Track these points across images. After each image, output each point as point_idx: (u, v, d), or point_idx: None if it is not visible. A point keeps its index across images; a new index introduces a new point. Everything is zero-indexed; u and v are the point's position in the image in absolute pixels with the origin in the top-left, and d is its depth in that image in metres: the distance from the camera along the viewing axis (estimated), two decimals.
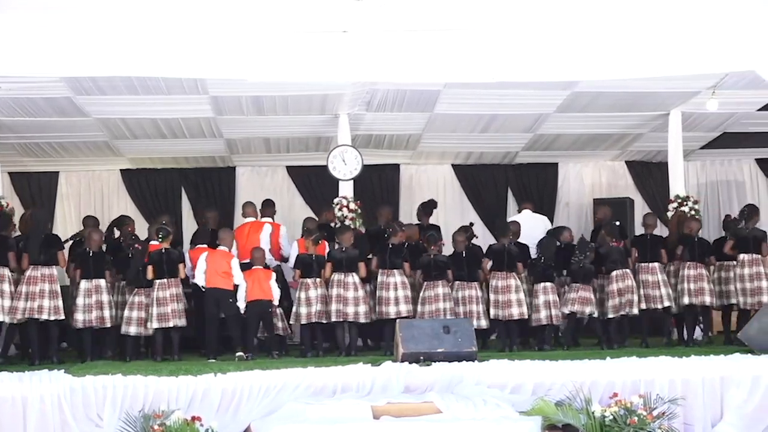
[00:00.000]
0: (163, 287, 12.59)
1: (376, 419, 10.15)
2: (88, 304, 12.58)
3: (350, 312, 12.85)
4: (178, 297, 12.64)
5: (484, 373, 10.84)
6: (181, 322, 12.59)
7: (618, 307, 13.34)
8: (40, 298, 12.38)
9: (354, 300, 12.87)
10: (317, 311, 12.87)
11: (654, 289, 13.54)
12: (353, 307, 12.86)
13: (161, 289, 12.58)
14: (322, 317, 12.90)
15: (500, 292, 13.34)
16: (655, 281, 13.57)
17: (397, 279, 13.11)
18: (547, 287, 13.43)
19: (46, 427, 10.05)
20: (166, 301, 12.54)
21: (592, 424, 10.13)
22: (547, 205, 17.73)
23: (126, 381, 10.25)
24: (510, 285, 13.34)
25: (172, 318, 12.52)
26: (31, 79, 12.22)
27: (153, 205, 17.37)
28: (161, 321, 12.49)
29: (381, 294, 13.11)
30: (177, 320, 12.55)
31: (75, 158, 16.85)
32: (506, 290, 13.31)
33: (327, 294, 12.94)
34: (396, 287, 13.07)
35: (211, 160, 17.38)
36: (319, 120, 14.95)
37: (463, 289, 13.29)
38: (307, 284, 12.96)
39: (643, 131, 16.07)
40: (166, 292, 12.57)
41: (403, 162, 17.77)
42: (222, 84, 12.93)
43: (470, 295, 13.24)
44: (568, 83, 13.25)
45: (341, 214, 14.15)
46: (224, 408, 10.36)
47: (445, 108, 14.50)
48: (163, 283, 12.61)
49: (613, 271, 13.47)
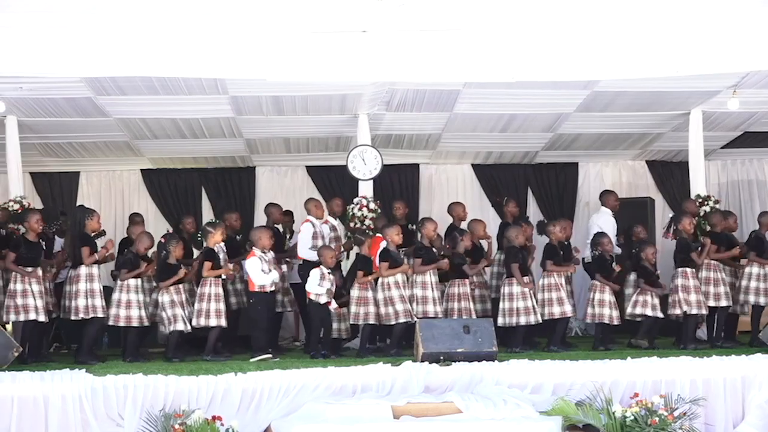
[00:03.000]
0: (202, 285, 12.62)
1: (396, 419, 10.15)
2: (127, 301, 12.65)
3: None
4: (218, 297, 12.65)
5: (505, 373, 10.83)
6: (220, 322, 12.58)
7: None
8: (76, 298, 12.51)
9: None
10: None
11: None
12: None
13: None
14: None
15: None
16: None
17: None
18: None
19: (67, 426, 10.09)
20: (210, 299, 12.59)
21: (613, 425, 10.11)
22: (567, 205, 17.70)
23: (147, 380, 10.28)
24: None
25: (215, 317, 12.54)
26: (52, 79, 12.26)
27: (173, 205, 17.42)
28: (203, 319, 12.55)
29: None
30: (218, 320, 12.56)
31: (96, 158, 16.90)
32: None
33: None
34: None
35: (231, 160, 17.41)
36: (338, 120, 14.95)
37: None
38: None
39: (664, 131, 16.01)
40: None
41: (422, 162, 17.76)
42: (242, 84, 12.94)
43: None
44: (588, 82, 13.22)
45: (361, 214, 14.14)
46: (244, 407, 10.38)
47: (465, 108, 14.48)
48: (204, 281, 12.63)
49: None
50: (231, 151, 16.86)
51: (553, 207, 17.58)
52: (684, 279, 13.25)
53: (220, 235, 12.90)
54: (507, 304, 13.18)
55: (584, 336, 15.38)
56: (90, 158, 16.87)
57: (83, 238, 12.73)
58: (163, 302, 12.63)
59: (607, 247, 13.59)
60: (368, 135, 14.61)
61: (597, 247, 13.64)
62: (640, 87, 13.42)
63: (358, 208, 14.20)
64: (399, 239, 13.09)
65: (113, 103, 13.73)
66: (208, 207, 17.47)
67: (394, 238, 13.03)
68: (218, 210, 16.54)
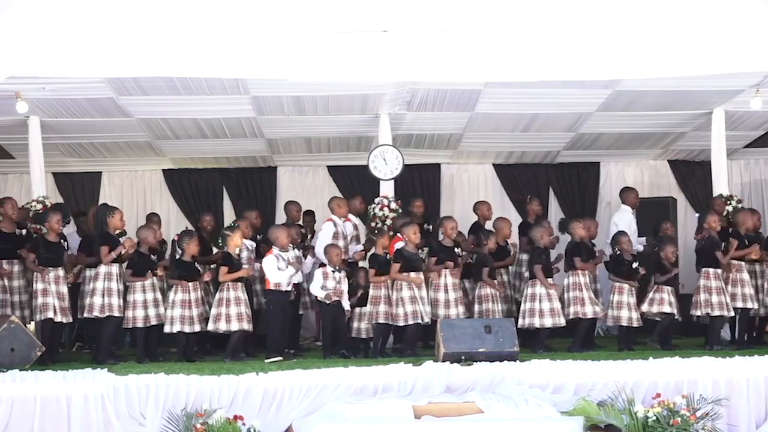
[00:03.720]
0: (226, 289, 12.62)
1: (418, 419, 10.14)
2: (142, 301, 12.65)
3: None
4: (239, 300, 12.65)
5: (526, 373, 10.81)
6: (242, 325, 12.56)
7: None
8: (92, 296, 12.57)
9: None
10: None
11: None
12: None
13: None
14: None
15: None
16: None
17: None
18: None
19: (89, 425, 10.12)
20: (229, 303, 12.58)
21: (635, 425, 10.07)
22: (589, 205, 17.66)
23: (168, 380, 10.31)
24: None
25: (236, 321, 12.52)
26: (75, 80, 12.30)
27: (195, 205, 17.46)
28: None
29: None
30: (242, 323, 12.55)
31: (117, 158, 16.96)
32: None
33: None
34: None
35: (252, 160, 17.44)
36: (359, 120, 14.96)
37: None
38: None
39: (686, 130, 15.96)
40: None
41: (443, 161, 17.75)
42: (263, 84, 12.97)
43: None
44: (609, 82, 13.18)
45: (382, 214, 14.14)
46: (266, 407, 10.39)
47: (486, 107, 14.47)
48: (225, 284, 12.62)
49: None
50: (252, 151, 16.90)
51: (575, 207, 17.54)
52: (707, 279, 13.18)
53: (238, 239, 12.84)
54: (529, 305, 13.11)
55: (606, 336, 15.32)
56: (112, 158, 16.93)
57: (103, 237, 12.77)
58: (174, 300, 12.62)
59: (625, 246, 13.52)
60: (389, 135, 14.61)
61: (615, 246, 13.58)
62: (662, 86, 13.37)
63: (379, 208, 14.19)
64: (417, 239, 13.02)
65: (135, 104, 13.78)
66: (229, 207, 17.51)
67: (412, 238, 12.97)
68: (239, 210, 16.56)
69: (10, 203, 13.43)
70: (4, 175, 17.18)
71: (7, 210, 13.34)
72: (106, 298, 12.51)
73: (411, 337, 12.81)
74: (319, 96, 13.79)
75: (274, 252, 12.85)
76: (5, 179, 17.23)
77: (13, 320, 11.65)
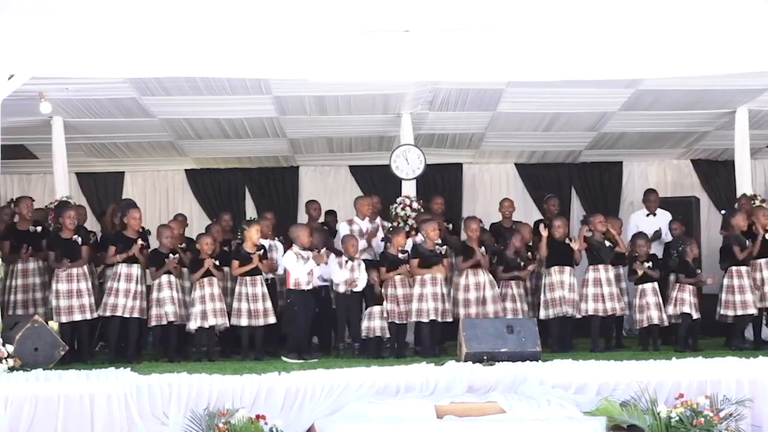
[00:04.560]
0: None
1: (440, 419, 10.12)
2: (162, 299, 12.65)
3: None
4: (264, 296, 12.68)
5: (548, 373, 10.78)
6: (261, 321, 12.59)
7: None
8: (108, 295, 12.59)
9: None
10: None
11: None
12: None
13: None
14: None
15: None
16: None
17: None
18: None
19: (112, 424, 10.15)
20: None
21: (658, 425, 10.03)
22: (612, 204, 17.62)
23: (191, 379, 10.33)
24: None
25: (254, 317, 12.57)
26: (97, 80, 12.35)
27: (217, 205, 17.49)
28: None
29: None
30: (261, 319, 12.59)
31: (140, 158, 17.04)
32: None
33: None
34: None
35: (274, 160, 17.48)
36: (381, 119, 14.97)
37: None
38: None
39: (709, 129, 15.90)
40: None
41: (465, 161, 17.75)
42: (285, 84, 12.98)
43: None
44: (632, 81, 13.14)
45: (404, 213, 14.14)
46: (288, 407, 10.40)
47: (508, 107, 14.45)
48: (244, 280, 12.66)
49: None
50: (274, 151, 16.93)
51: (597, 206, 17.44)
52: (730, 279, 13.11)
53: (255, 233, 12.84)
54: (549, 294, 13.14)
55: (628, 336, 15.25)
56: (135, 158, 17.01)
57: (115, 236, 12.84)
58: (193, 298, 12.64)
59: (640, 249, 13.42)
60: (411, 134, 14.62)
61: (633, 248, 13.53)
62: (684, 86, 13.32)
63: (401, 208, 14.20)
64: (436, 235, 13.00)
65: (157, 104, 13.82)
66: (251, 207, 17.54)
67: (431, 234, 12.95)
68: (262, 210, 16.57)
69: (26, 203, 13.49)
70: (27, 175, 17.27)
71: (22, 209, 13.41)
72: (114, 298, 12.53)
73: (429, 335, 12.79)
74: (341, 96, 13.80)
75: (294, 249, 12.87)
76: (29, 179, 17.32)
77: (36, 320, 11.70)
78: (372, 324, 12.77)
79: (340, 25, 11.10)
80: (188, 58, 11.13)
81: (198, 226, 16.38)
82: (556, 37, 11.30)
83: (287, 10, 11.02)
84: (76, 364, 11.73)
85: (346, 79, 12.05)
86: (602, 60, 11.48)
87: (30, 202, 13.59)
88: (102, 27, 10.89)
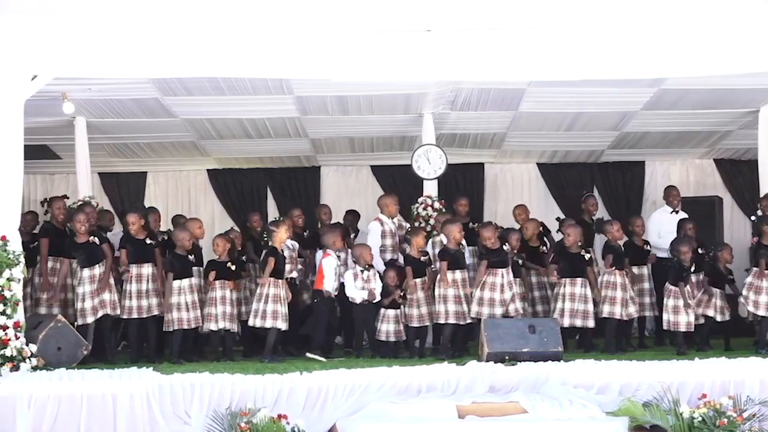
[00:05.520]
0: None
1: (461, 419, 10.11)
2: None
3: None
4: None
5: (570, 373, 10.75)
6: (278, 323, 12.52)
7: None
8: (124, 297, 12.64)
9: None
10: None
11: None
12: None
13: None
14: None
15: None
16: None
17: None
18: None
19: (135, 423, 10.18)
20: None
21: (681, 426, 9.99)
22: (634, 204, 17.56)
23: (213, 379, 10.35)
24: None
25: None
26: (120, 80, 12.40)
27: (239, 204, 17.55)
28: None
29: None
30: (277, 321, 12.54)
31: (162, 158, 17.09)
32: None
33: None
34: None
35: (296, 160, 17.51)
36: (403, 119, 14.97)
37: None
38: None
39: (732, 128, 15.83)
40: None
41: (487, 161, 17.73)
42: (307, 84, 13.00)
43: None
44: (654, 80, 13.08)
45: (426, 214, 14.13)
46: (310, 406, 10.40)
47: (530, 106, 14.43)
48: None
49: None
50: (296, 151, 16.96)
51: (620, 206, 17.46)
52: (755, 279, 13.01)
53: (284, 233, 12.86)
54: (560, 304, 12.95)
55: (650, 336, 15.18)
56: (157, 158, 17.06)
57: (127, 240, 12.86)
58: (207, 299, 12.67)
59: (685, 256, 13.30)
60: (433, 134, 14.62)
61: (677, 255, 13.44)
62: (707, 84, 13.26)
63: (422, 208, 14.20)
64: (460, 237, 12.94)
65: (180, 104, 13.87)
66: (273, 207, 17.58)
67: (456, 236, 12.87)
68: (284, 210, 16.60)
69: (58, 203, 13.56)
70: (51, 175, 17.36)
71: (54, 210, 13.48)
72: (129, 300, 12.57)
73: (449, 337, 12.76)
74: (362, 96, 13.81)
75: (331, 253, 13.04)
76: (52, 179, 17.41)
77: (59, 319, 11.76)
78: (387, 327, 12.74)
79: (362, 25, 11.11)
80: (210, 58, 11.16)
81: (220, 226, 16.45)
82: (578, 37, 11.27)
83: (309, 10, 11.04)
84: (98, 363, 11.82)
85: (367, 79, 12.03)
86: (624, 59, 11.44)
87: (63, 202, 13.67)
88: (125, 27, 10.94)
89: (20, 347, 10.74)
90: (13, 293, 10.79)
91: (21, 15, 10.81)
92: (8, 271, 10.79)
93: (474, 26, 11.15)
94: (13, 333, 10.75)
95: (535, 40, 11.21)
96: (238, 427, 9.74)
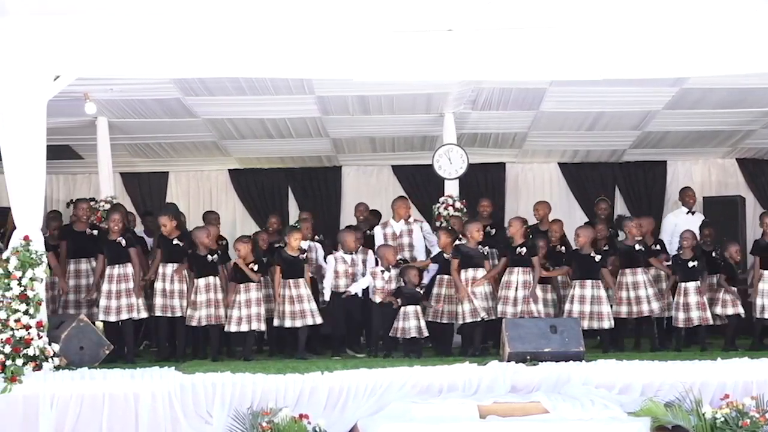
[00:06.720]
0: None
1: (483, 419, 10.12)
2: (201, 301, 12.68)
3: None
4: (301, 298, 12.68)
5: (592, 373, 10.73)
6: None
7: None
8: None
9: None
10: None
11: None
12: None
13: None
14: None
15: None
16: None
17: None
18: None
19: (157, 423, 10.22)
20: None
21: (703, 426, 9.97)
22: (656, 204, 17.50)
23: (235, 378, 10.39)
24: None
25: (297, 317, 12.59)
26: (142, 80, 12.45)
27: (261, 204, 17.58)
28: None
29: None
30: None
31: (184, 158, 17.13)
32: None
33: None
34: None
35: (317, 160, 17.52)
36: (424, 119, 14.96)
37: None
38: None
39: (755, 128, 15.76)
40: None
41: (508, 161, 17.70)
42: (328, 84, 13.00)
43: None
44: (676, 80, 13.04)
45: (447, 213, 14.13)
46: (331, 406, 10.43)
47: (551, 106, 14.40)
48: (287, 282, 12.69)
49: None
50: (317, 151, 16.97)
51: (641, 205, 17.38)
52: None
53: (294, 240, 12.82)
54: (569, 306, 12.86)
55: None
56: (178, 158, 17.10)
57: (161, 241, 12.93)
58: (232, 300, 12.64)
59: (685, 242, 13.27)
60: (454, 134, 14.62)
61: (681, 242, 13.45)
62: (730, 84, 13.21)
63: (443, 208, 14.20)
64: (479, 236, 12.92)
65: (201, 104, 13.90)
66: (294, 206, 17.58)
67: (474, 235, 12.86)
68: (305, 209, 16.61)
69: (82, 205, 13.64)
70: (73, 175, 17.43)
71: (79, 212, 13.57)
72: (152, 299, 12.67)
73: (470, 336, 12.76)
74: (383, 96, 13.81)
75: (336, 254, 13.18)
76: (74, 179, 17.49)
77: (82, 319, 11.80)
78: (407, 324, 12.53)
79: (383, 25, 11.10)
80: (232, 58, 11.17)
81: (241, 226, 16.49)
82: (599, 36, 11.23)
83: (330, 10, 11.05)
84: (120, 363, 11.87)
85: (389, 79, 12.01)
86: (646, 58, 11.39)
87: (87, 204, 13.75)
88: (146, 28, 10.96)
89: (43, 347, 10.78)
90: (35, 293, 10.83)
91: (43, 16, 10.85)
92: (31, 270, 10.83)
93: (495, 26, 11.13)
94: (36, 332, 10.78)
95: (557, 39, 11.18)
96: (259, 427, 9.77)
